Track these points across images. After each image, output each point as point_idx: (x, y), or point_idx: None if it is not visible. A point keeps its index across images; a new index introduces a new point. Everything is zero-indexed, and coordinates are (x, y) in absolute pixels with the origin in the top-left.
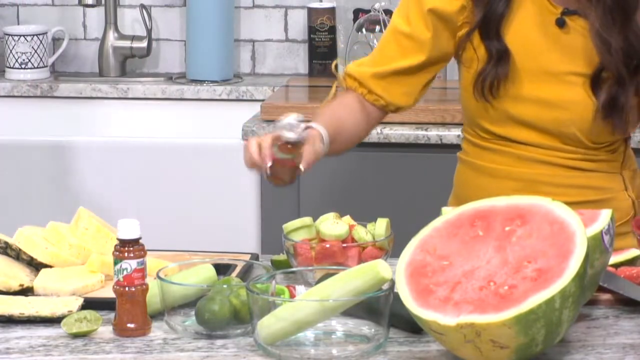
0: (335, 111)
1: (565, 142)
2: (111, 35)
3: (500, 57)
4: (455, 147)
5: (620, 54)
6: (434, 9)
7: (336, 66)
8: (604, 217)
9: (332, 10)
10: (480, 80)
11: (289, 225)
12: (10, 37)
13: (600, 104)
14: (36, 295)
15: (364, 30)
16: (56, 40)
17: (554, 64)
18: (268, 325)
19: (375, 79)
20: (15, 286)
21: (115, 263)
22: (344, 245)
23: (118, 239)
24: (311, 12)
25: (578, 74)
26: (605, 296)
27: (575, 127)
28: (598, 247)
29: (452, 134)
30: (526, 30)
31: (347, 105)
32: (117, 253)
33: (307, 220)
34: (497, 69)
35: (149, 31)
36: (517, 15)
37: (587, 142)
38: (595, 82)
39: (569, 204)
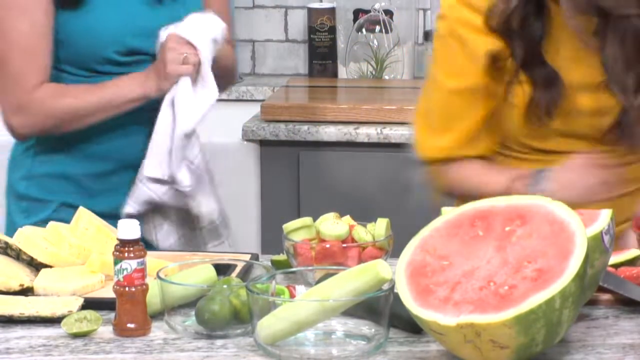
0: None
1: (606, 145)
2: None
3: (550, 81)
4: None
5: (633, 86)
6: (488, 52)
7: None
8: (604, 217)
9: (332, 11)
10: (534, 107)
11: (289, 225)
12: None
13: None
14: (36, 295)
15: (364, 30)
16: None
17: (591, 75)
18: (268, 325)
19: (458, 147)
20: (15, 286)
21: (115, 263)
22: (344, 245)
23: (118, 239)
24: (311, 12)
25: None
26: (605, 296)
27: (616, 130)
28: (598, 247)
29: None
30: (567, 46)
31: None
32: (117, 253)
33: (307, 220)
34: (551, 92)
35: None
36: (555, 34)
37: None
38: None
39: (622, 195)
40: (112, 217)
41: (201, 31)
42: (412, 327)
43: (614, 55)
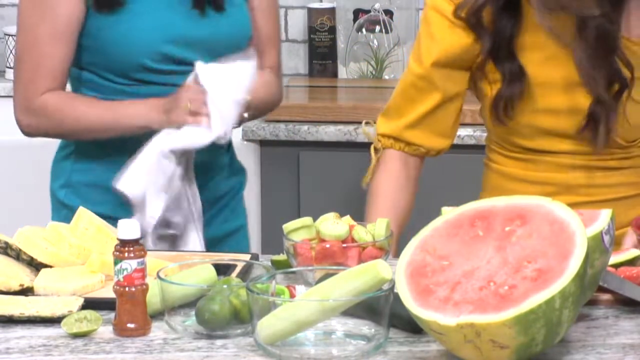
0: (388, 200)
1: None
2: None
3: (514, 76)
4: (455, 148)
5: (603, 83)
6: (440, 57)
7: (366, 127)
8: (604, 217)
9: (332, 10)
10: (494, 105)
11: (289, 225)
12: (10, 37)
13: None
14: (36, 295)
15: (364, 30)
16: None
17: (570, 73)
18: (268, 325)
19: (409, 130)
20: (15, 286)
21: (115, 263)
22: (344, 245)
23: (118, 239)
24: (311, 12)
25: None
26: (605, 296)
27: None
28: (598, 247)
29: None
30: (542, 44)
31: (392, 179)
32: (117, 253)
33: (307, 220)
34: (512, 89)
35: None
36: (529, 32)
37: (621, 142)
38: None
39: (607, 201)
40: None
41: (226, 83)
42: (412, 327)
43: (583, 53)
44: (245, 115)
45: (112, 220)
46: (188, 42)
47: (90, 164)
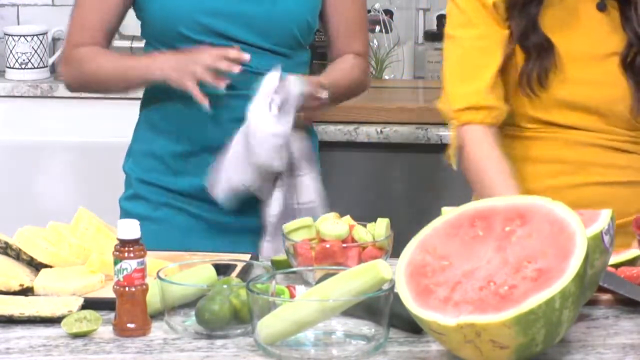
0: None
1: (612, 124)
2: None
3: (542, 49)
4: None
5: None
6: (495, 3)
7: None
8: (604, 217)
9: None
10: (526, 76)
11: (289, 225)
12: (10, 37)
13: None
14: (36, 295)
15: None
16: (56, 40)
17: (597, 46)
18: (268, 325)
19: (487, 95)
20: (15, 286)
21: (115, 263)
22: (344, 245)
23: (118, 239)
24: None
25: (620, 53)
26: (605, 296)
27: (623, 104)
28: (598, 247)
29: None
30: (565, 17)
31: (489, 151)
32: (117, 253)
33: (307, 220)
34: (543, 61)
35: None
36: (552, 3)
37: (634, 122)
38: (625, 62)
39: (615, 183)
40: (189, 196)
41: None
42: (412, 327)
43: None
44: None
45: (152, 186)
46: (230, 15)
47: (145, 132)
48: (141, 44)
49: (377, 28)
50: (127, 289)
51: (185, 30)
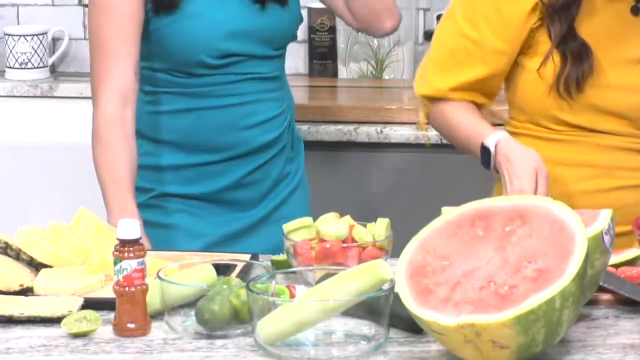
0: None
1: None
2: None
3: (580, 54)
4: (455, 147)
5: None
6: (509, 18)
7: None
8: (604, 217)
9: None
10: (564, 80)
11: (289, 225)
12: (10, 37)
13: None
14: (36, 295)
15: None
16: (56, 40)
17: (632, 50)
18: (268, 325)
19: (455, 93)
20: (15, 286)
21: (115, 263)
22: (344, 245)
23: (118, 239)
24: (311, 12)
25: None
26: (605, 296)
27: None
28: (598, 247)
29: None
30: (600, 22)
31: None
32: (117, 253)
33: (307, 220)
34: (581, 66)
35: None
36: (587, 8)
37: None
38: None
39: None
40: (203, 199)
41: None
42: (412, 327)
43: None
44: None
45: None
46: (245, 35)
47: (148, 146)
48: None
49: None
50: (127, 289)
51: (205, 57)
